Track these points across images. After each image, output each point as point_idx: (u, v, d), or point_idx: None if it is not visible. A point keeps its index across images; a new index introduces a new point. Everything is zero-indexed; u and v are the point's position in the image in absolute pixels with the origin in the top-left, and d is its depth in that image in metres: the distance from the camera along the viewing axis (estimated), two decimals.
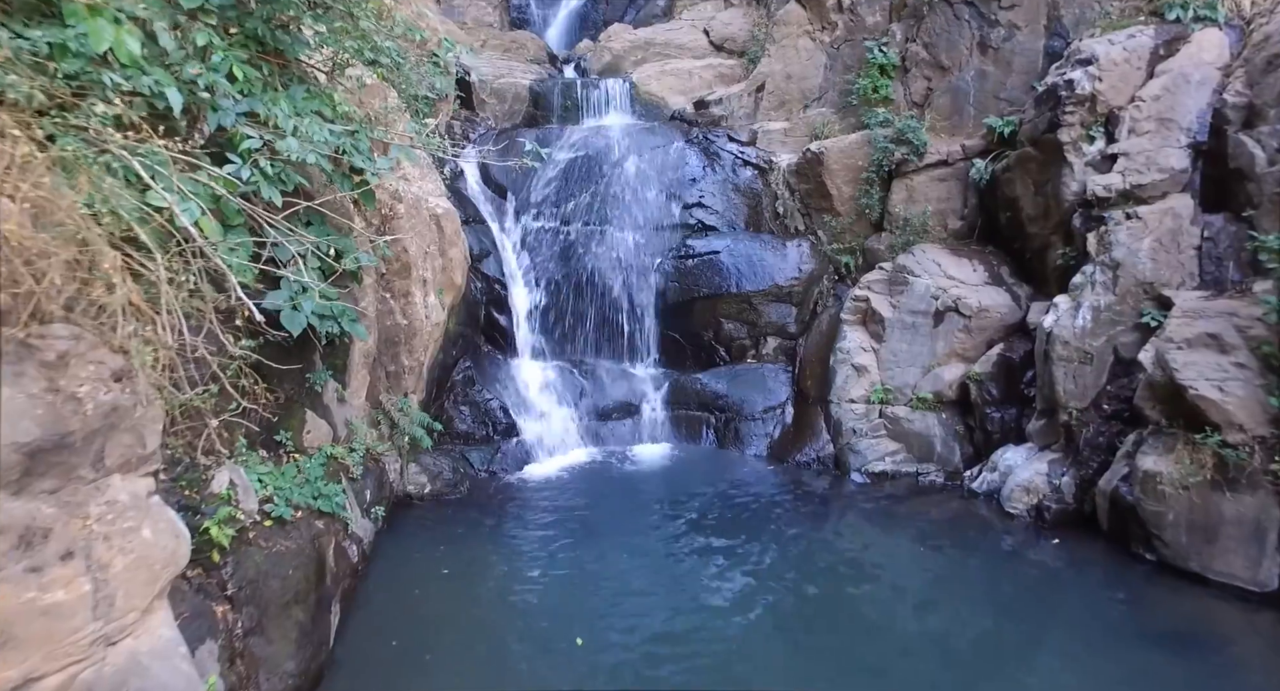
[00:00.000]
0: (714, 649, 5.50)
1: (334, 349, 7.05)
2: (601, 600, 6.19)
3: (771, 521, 7.72)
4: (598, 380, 10.59)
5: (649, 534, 7.43)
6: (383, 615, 5.91)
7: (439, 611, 6.01)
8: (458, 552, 7.11)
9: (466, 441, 9.33)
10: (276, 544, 4.83)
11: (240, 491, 4.62)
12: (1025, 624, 5.99)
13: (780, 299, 10.69)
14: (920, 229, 10.06)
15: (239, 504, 4.56)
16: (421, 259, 8.34)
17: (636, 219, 11.39)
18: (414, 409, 8.19)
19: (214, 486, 4.46)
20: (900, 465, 8.94)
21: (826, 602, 6.24)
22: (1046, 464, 7.76)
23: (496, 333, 10.88)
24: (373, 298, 7.51)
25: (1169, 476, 6.38)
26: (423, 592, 6.29)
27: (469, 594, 6.33)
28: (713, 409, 10.28)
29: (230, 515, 4.46)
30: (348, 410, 7.11)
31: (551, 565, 6.79)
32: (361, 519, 6.76)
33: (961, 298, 8.93)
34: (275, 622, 4.66)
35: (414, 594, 6.27)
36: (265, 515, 4.97)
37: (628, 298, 11.00)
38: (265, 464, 5.37)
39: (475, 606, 6.16)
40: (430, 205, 8.90)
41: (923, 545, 7.28)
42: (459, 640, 5.62)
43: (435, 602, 6.15)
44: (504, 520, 7.81)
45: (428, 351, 8.55)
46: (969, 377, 8.77)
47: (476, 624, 5.91)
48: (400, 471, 7.99)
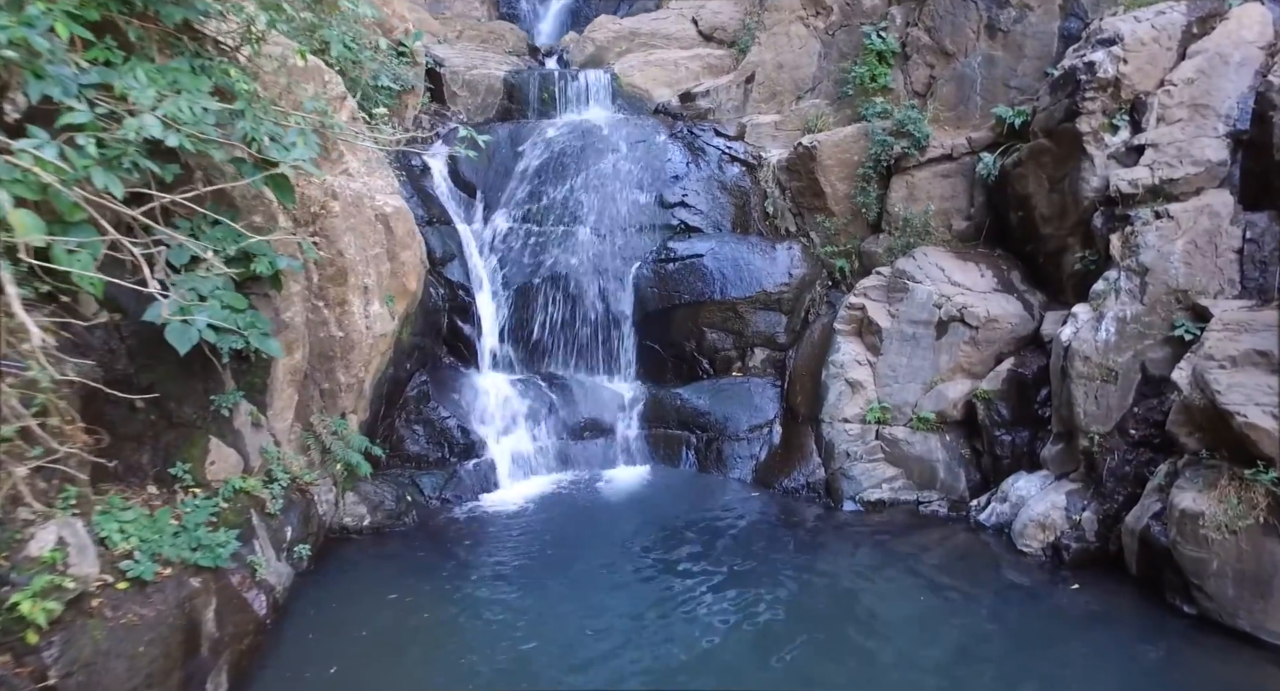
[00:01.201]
0: None
1: (249, 366, 6.16)
2: (567, 657, 5.28)
3: (756, 559, 6.81)
4: (569, 395, 9.69)
5: (621, 575, 6.51)
6: (293, 682, 5.01)
7: (367, 674, 5.10)
8: (395, 597, 6.20)
9: (418, 465, 8.43)
10: (127, 613, 3.94)
11: (73, 552, 3.72)
12: (1041, 685, 5.09)
13: (768, 306, 9.78)
14: (922, 230, 9.16)
15: (68, 568, 3.65)
16: (362, 263, 7.45)
17: (614, 219, 10.51)
18: (352, 431, 7.29)
19: (31, 548, 3.56)
20: (899, 493, 8.02)
21: (812, 656, 5.34)
22: (1064, 495, 6.85)
23: (460, 343, 9.99)
24: (301, 307, 6.62)
25: (1212, 518, 5.46)
26: (348, 649, 5.39)
27: (405, 649, 5.43)
28: (694, 427, 9.38)
29: (54, 584, 3.56)
30: (264, 436, 6.21)
31: (509, 611, 5.88)
32: (277, 562, 5.87)
33: (967, 306, 8.02)
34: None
35: (337, 651, 5.36)
36: (120, 575, 4.08)
37: (603, 305, 10.11)
38: (130, 509, 4.47)
39: (412, 664, 5.25)
40: (377, 203, 8.00)
41: (923, 589, 6.37)
42: None
43: (363, 662, 5.24)
44: (454, 557, 6.90)
45: (370, 366, 7.65)
46: (976, 395, 7.86)
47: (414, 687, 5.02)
48: (335, 502, 7.09)
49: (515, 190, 10.92)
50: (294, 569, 6.19)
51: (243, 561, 5.44)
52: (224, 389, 5.81)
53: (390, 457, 8.39)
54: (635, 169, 10.88)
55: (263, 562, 5.60)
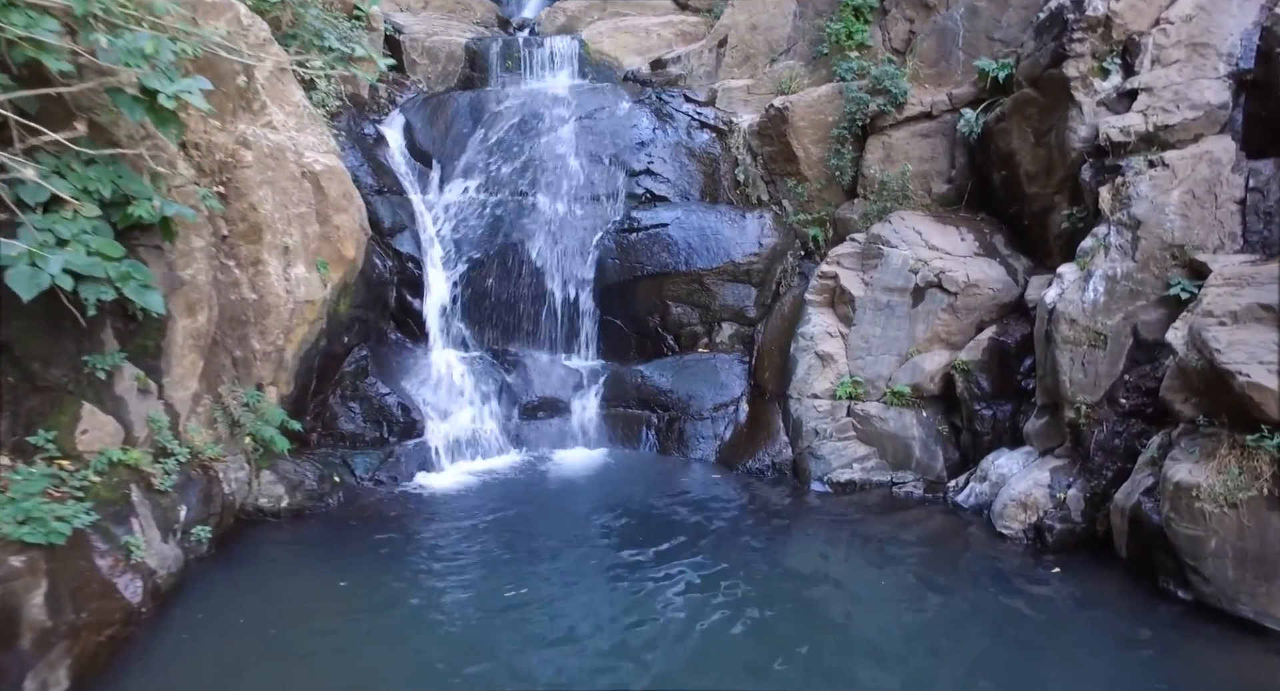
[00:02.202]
0: None
1: (138, 326, 5.52)
2: (498, 663, 4.59)
3: (714, 545, 6.11)
4: (523, 372, 9.06)
5: (567, 563, 5.79)
6: (157, 682, 4.36)
7: (249, 675, 4.44)
8: (300, 587, 5.57)
9: (353, 444, 7.79)
10: None
11: None
12: (1021, 681, 4.46)
13: (737, 278, 9.15)
14: (899, 194, 8.53)
15: None
16: (282, 221, 6.81)
17: (575, 188, 9.87)
18: (269, 404, 6.65)
19: None
20: (871, 473, 7.39)
21: (774, 650, 4.66)
22: (1048, 472, 6.22)
23: (408, 318, 9.35)
24: (206, 264, 5.99)
25: (1209, 490, 4.83)
26: (234, 646, 4.72)
27: (300, 648, 4.75)
28: (655, 406, 8.75)
29: None
30: (153, 404, 5.57)
31: (432, 608, 5.15)
32: (162, 544, 5.23)
33: (946, 271, 7.39)
34: None
35: (221, 648, 4.71)
36: None
37: (562, 278, 9.48)
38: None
39: (304, 667, 4.58)
40: (305, 160, 7.36)
41: (894, 576, 5.73)
42: None
43: (247, 661, 4.57)
44: (378, 543, 6.22)
45: (293, 335, 7.01)
46: (954, 367, 7.23)
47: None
48: (249, 481, 6.46)
49: (473, 159, 10.29)
50: (188, 552, 5.55)
51: (114, 542, 4.81)
52: (102, 349, 5.17)
53: (322, 437, 7.76)
54: (599, 136, 10.24)
55: (141, 544, 4.96)
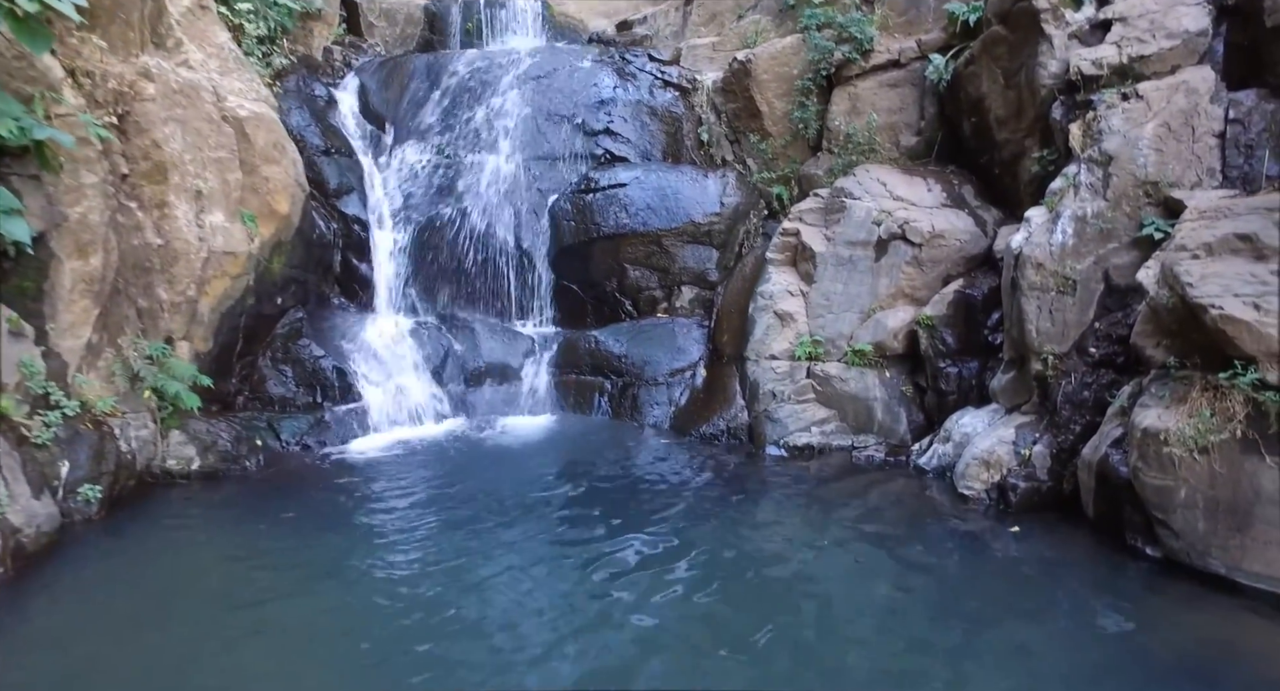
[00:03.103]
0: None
1: (14, 265, 5.06)
2: (421, 634, 4.06)
3: (666, 513, 5.60)
4: (471, 338, 8.59)
5: (505, 531, 5.25)
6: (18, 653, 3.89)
7: (113, 650, 3.95)
8: (203, 553, 5.11)
9: (283, 408, 7.33)
10: None
11: None
12: (983, 648, 3.99)
13: (697, 240, 8.70)
14: (866, 147, 8.09)
15: None
16: (194, 164, 6.35)
17: (532, 149, 9.43)
18: (177, 359, 6.19)
19: None
20: (830, 437, 6.94)
21: (721, 623, 4.17)
22: (1014, 429, 5.78)
23: (354, 283, 8.91)
24: (100, 203, 5.52)
25: (1179, 435, 4.39)
26: (104, 617, 4.20)
27: (177, 621, 4.22)
28: (608, 373, 8.30)
29: None
30: (27, 348, 5.11)
31: (356, 573, 4.65)
32: (34, 501, 4.77)
33: (910, 221, 6.94)
34: None
35: (89, 619, 4.22)
36: None
37: (516, 241, 9.03)
38: None
39: (176, 646, 4.08)
40: (227, 105, 6.91)
41: (848, 542, 5.22)
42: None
43: (116, 635, 4.06)
44: (292, 508, 5.72)
45: (208, 287, 6.55)
46: (919, 323, 6.78)
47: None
48: (155, 441, 6.00)
49: (428, 122, 9.85)
50: (72, 513, 5.10)
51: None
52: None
53: (249, 400, 7.30)
54: (558, 96, 9.79)
55: (3, 498, 4.51)
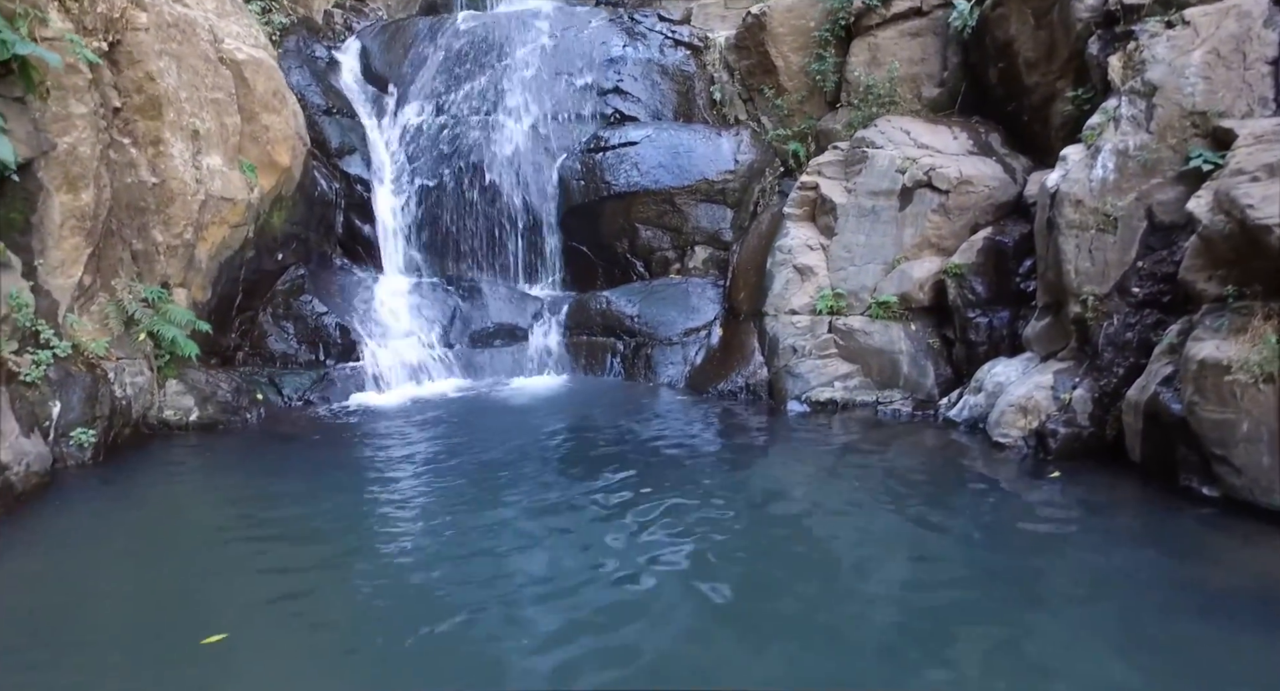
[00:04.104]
0: (624, 641, 3.16)
1: (0, 192, 4.77)
2: (426, 592, 3.63)
3: (684, 469, 5.25)
4: (478, 299, 8.32)
5: (515, 488, 4.87)
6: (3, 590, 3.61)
7: (108, 590, 3.69)
8: (199, 501, 4.84)
9: (284, 364, 7.06)
10: None
11: None
12: (1039, 594, 3.68)
13: (711, 198, 8.43)
14: (886, 99, 7.81)
15: None
16: (191, 102, 6.06)
17: (540, 109, 9.17)
18: (175, 305, 5.91)
19: None
20: (854, 392, 6.68)
21: (751, 584, 3.75)
22: (1051, 375, 5.52)
23: (357, 244, 8.64)
24: (91, 135, 5.23)
25: (1243, 364, 4.13)
26: (91, 560, 3.93)
27: (183, 560, 3.97)
28: (621, 333, 8.02)
29: None
30: (15, 282, 4.82)
31: (357, 524, 4.34)
32: (24, 439, 4.50)
33: (937, 168, 6.67)
34: None
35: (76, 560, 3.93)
36: None
37: (523, 201, 8.76)
38: None
39: (179, 583, 3.81)
40: (225, 47, 6.64)
41: (879, 494, 4.87)
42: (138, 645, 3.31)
43: (113, 574, 3.81)
44: (301, 459, 5.48)
45: (206, 233, 6.27)
46: (946, 273, 6.52)
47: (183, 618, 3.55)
48: (151, 389, 5.72)
49: (432, 83, 9.58)
50: (65, 457, 4.83)
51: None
52: None
53: (249, 356, 7.04)
54: (565, 56, 9.53)
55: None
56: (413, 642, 3.12)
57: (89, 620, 3.33)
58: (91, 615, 3.37)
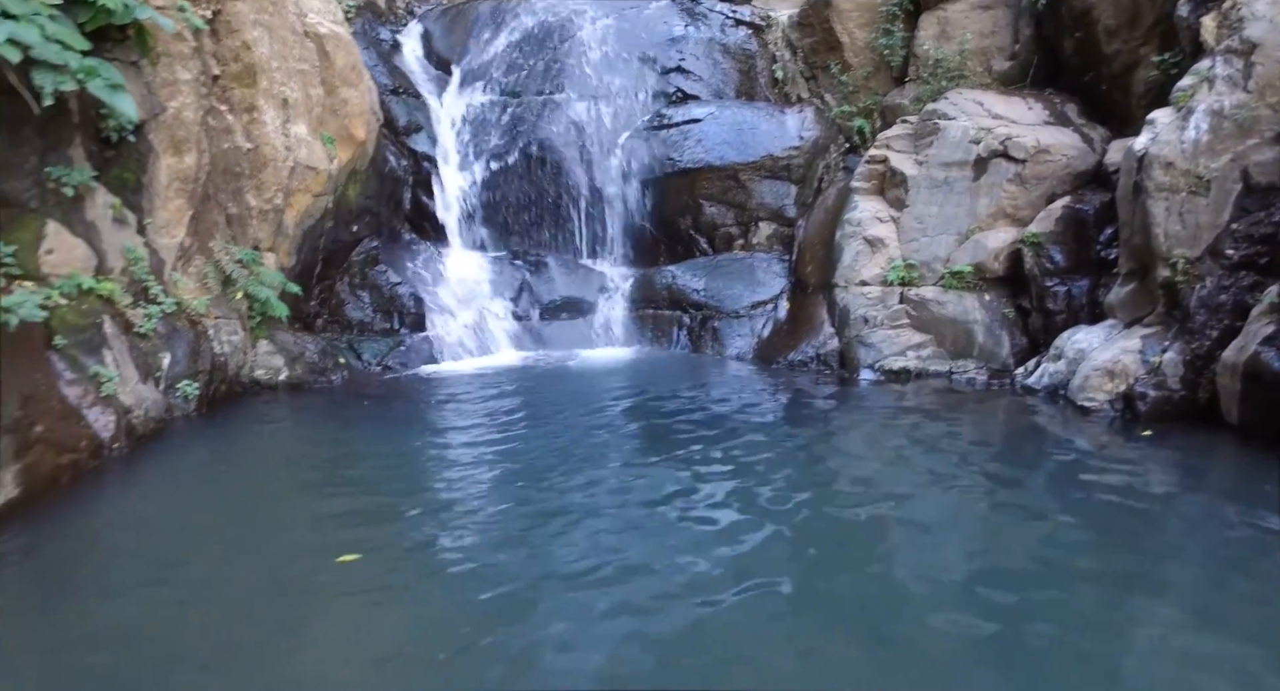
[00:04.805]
0: (687, 613, 2.93)
1: (117, 155, 4.97)
2: (511, 547, 3.60)
3: (754, 433, 5.21)
4: (545, 273, 8.44)
5: (588, 448, 4.91)
6: (112, 515, 3.78)
7: (225, 521, 3.84)
8: (298, 450, 5.00)
9: (360, 332, 7.22)
10: None
11: None
12: (1140, 560, 3.47)
13: (775, 175, 8.45)
14: (956, 73, 7.77)
15: None
16: (281, 72, 6.24)
17: (602, 88, 9.24)
18: (267, 268, 6.09)
19: None
20: (927, 361, 6.66)
21: (825, 553, 3.53)
22: (1139, 339, 5.46)
23: (424, 220, 8.80)
24: (194, 100, 5.42)
25: None
26: (212, 495, 4.13)
27: (289, 500, 4.13)
28: (686, 307, 8.08)
29: None
30: (131, 237, 5.01)
31: (447, 478, 4.43)
32: (141, 385, 4.67)
33: (1013, 137, 6.63)
34: None
35: (199, 494, 4.12)
36: None
37: (587, 179, 8.84)
38: None
39: (288, 520, 3.95)
40: (309, 20, 6.81)
41: (959, 455, 4.84)
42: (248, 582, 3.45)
43: (227, 509, 3.96)
44: (390, 417, 5.61)
45: (293, 200, 6.44)
46: (1023, 242, 6.47)
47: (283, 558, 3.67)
48: (244, 349, 5.90)
49: (494, 64, 9.72)
50: (171, 408, 5.00)
51: (82, 370, 4.26)
52: (69, 165, 4.61)
53: (328, 323, 7.21)
54: (627, 36, 9.61)
55: (114, 378, 4.41)
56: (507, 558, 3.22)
57: (228, 541, 3.47)
58: (229, 537, 3.52)
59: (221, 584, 3.10)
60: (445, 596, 3.04)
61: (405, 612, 2.96)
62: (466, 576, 3.18)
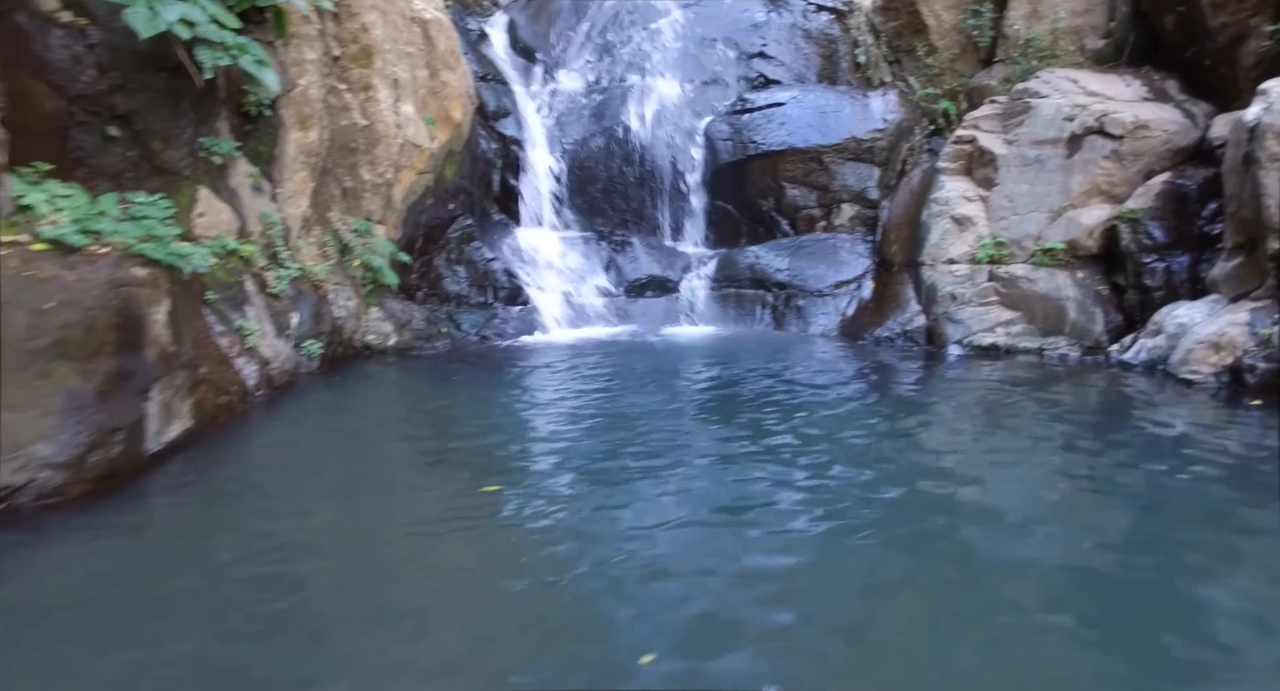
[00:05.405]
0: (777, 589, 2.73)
1: (254, 129, 5.35)
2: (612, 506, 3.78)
3: (840, 406, 5.22)
4: (629, 252, 8.66)
5: (675, 417, 4.95)
6: (274, 449, 4.12)
7: (354, 461, 4.14)
8: (414, 404, 5.30)
9: (457, 304, 7.55)
10: (36, 269, 3.09)
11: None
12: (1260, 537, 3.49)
13: (859, 157, 8.50)
14: (1047, 52, 7.71)
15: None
16: (392, 54, 6.59)
17: (684, 74, 9.45)
18: (379, 238, 6.44)
19: None
20: (1017, 338, 6.65)
21: (914, 516, 3.43)
22: (1246, 313, 5.38)
23: (511, 200, 9.10)
24: (318, 78, 5.79)
25: None
26: (342, 438, 4.45)
27: (405, 447, 4.42)
28: (769, 286, 8.20)
29: None
30: (267, 203, 5.39)
31: (538, 435, 4.62)
32: (276, 339, 5.03)
33: (1109, 113, 6.56)
34: (15, 379, 2.92)
35: (331, 436, 4.44)
36: (36, 238, 3.25)
37: (670, 162, 9.04)
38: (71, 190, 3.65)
39: (404, 466, 4.24)
40: (414, 6, 7.15)
41: (1057, 429, 4.74)
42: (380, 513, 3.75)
43: (354, 452, 4.26)
44: (490, 382, 5.88)
45: (401, 176, 6.79)
46: (1120, 218, 6.41)
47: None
48: (357, 315, 6.26)
49: (577, 52, 10.02)
50: (299, 363, 5.36)
51: (229, 323, 4.63)
52: (216, 134, 5.00)
53: (428, 296, 7.56)
54: (709, 22, 9.81)
55: (256, 331, 4.78)
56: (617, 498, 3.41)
57: (374, 475, 3.76)
58: (379, 466, 3.81)
59: (373, 509, 3.37)
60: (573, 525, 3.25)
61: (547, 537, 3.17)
62: (585, 509, 3.39)
